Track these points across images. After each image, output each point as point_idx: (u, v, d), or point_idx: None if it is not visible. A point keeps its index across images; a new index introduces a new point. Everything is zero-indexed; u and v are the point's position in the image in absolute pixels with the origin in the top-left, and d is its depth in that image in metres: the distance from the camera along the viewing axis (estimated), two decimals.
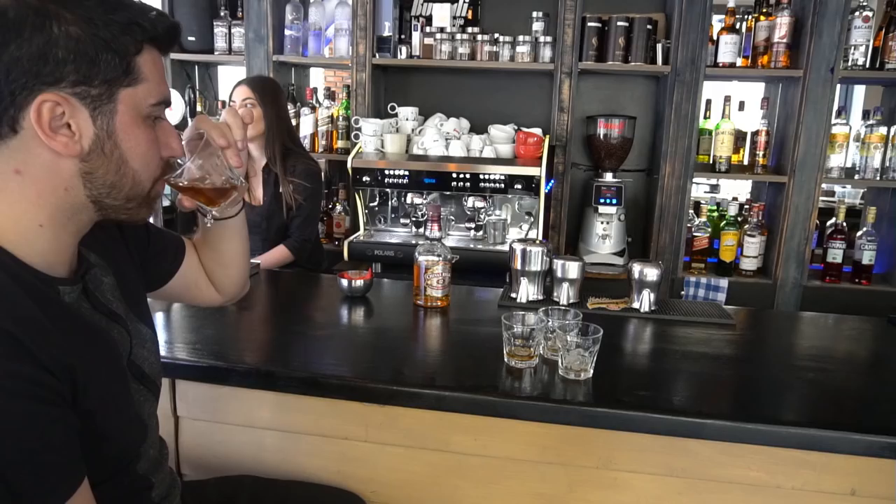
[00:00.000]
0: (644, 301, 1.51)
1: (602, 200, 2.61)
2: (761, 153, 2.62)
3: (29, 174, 0.64)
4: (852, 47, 2.46)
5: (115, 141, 0.67)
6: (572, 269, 1.53)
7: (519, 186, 2.37)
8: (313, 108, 2.87)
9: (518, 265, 1.56)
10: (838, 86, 2.48)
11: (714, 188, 4.31)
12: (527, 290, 1.55)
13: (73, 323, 0.71)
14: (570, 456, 1.18)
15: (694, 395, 1.16)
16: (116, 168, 0.68)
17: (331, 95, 2.93)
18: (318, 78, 3.42)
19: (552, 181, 2.58)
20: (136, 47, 0.67)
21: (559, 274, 1.54)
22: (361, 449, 1.22)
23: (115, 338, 0.79)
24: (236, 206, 1.00)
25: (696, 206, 2.78)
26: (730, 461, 1.12)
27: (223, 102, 2.96)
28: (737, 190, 3.83)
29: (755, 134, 2.65)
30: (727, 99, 2.66)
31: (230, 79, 3.09)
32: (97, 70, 0.64)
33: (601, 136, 2.66)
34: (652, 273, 1.51)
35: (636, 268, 1.53)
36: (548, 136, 2.56)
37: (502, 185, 2.38)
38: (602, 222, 2.63)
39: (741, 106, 2.72)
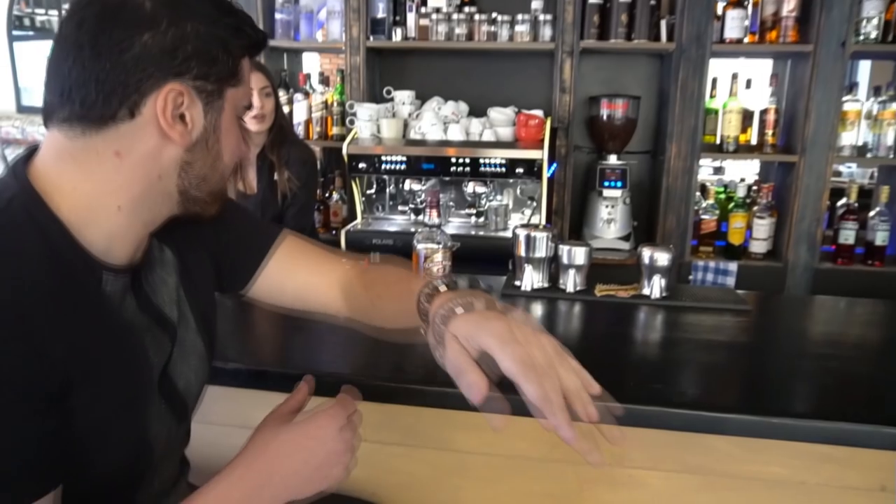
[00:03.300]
0: (655, 287, 1.44)
1: (606, 184, 2.53)
2: (770, 132, 2.54)
3: (129, 158, 0.66)
4: (864, 20, 2.36)
5: (217, 136, 0.70)
6: (579, 254, 1.46)
7: (520, 170, 2.29)
8: (307, 95, 2.79)
9: (522, 252, 1.49)
10: (850, 61, 2.39)
11: (718, 170, 4.22)
12: (531, 278, 1.48)
13: (98, 315, 0.66)
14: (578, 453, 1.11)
15: (711, 387, 1.09)
16: (212, 162, 0.71)
17: (325, 81, 2.85)
18: (310, 63, 3.34)
19: (554, 165, 2.50)
20: (241, 51, 0.71)
21: (565, 260, 1.47)
22: (359, 449, 1.16)
23: (148, 344, 0.72)
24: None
25: (703, 188, 2.71)
26: (749, 456, 1.05)
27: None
28: (742, 171, 3.75)
29: (763, 112, 2.56)
30: (734, 76, 2.57)
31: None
32: (214, 67, 0.67)
33: (604, 118, 2.58)
34: (663, 258, 1.44)
35: (646, 252, 1.46)
36: (549, 118, 2.48)
37: (503, 170, 2.31)
38: (607, 206, 2.56)
39: (748, 84, 2.63)
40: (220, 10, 0.68)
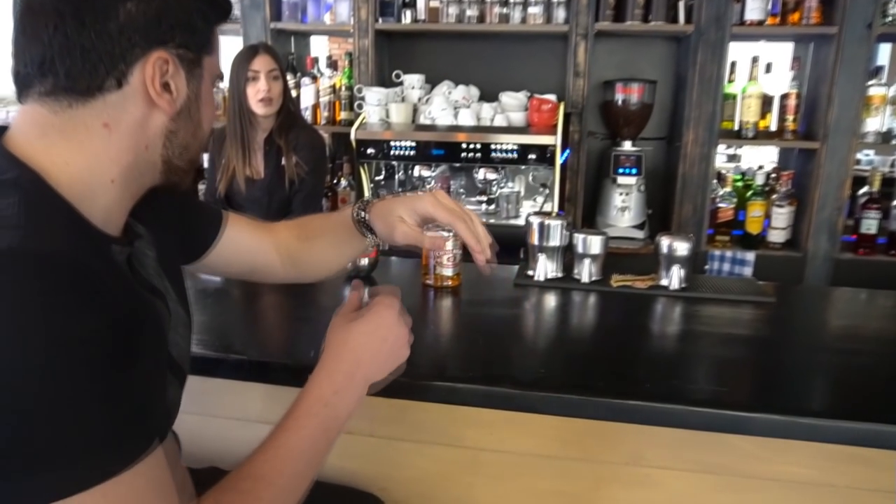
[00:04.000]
0: (673, 278, 1.39)
1: (621, 170, 2.47)
2: (791, 118, 2.46)
3: (117, 129, 0.65)
4: (892, 0, 2.27)
5: (198, 104, 0.71)
6: (595, 243, 1.41)
7: (533, 157, 2.24)
8: (314, 79, 2.73)
9: (535, 240, 1.43)
10: (875, 44, 2.30)
11: (732, 158, 4.12)
12: (545, 268, 1.43)
13: (129, 283, 0.67)
14: (595, 451, 1.07)
15: (732, 383, 1.04)
16: (193, 130, 0.72)
17: (333, 64, 2.79)
18: (318, 47, 3.28)
19: (567, 151, 2.44)
20: (216, 18, 0.72)
21: (580, 249, 1.42)
22: (366, 444, 1.12)
23: (161, 312, 0.74)
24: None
25: (720, 175, 2.63)
26: (773, 456, 1.01)
27: (220, 75, 2.82)
28: (759, 159, 3.65)
29: (784, 97, 2.48)
30: (755, 60, 2.49)
31: (226, 49, 2.95)
32: (195, 36, 0.68)
33: (619, 103, 2.51)
34: (682, 247, 1.38)
35: (664, 242, 1.40)
36: (562, 103, 2.41)
37: (515, 156, 2.25)
38: (621, 194, 2.50)
39: (768, 68, 2.55)
40: None
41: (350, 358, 0.77)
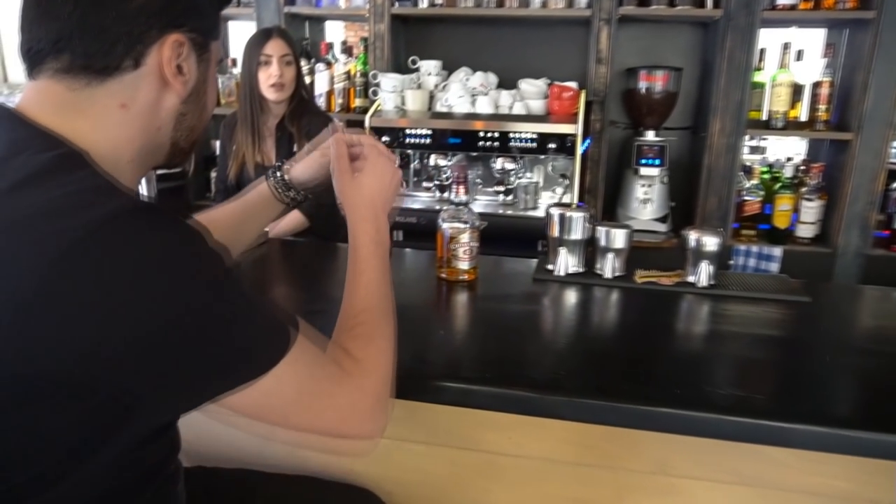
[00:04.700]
0: (701, 274, 1.31)
1: (643, 161, 2.38)
2: (822, 107, 2.36)
3: (133, 110, 0.66)
4: None
5: (205, 88, 0.73)
6: (619, 237, 1.34)
7: (552, 146, 2.16)
8: (329, 65, 2.67)
9: (556, 233, 1.37)
10: None
11: (755, 150, 3.98)
12: (566, 262, 1.36)
13: None
14: (618, 458, 1.01)
15: (769, 390, 0.97)
16: (199, 113, 0.74)
17: (347, 50, 2.73)
18: (333, 33, 3.21)
19: (588, 140, 2.36)
20: (220, 4, 0.76)
21: (603, 243, 1.34)
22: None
23: None
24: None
25: (747, 167, 2.54)
26: (812, 468, 0.94)
27: (234, 60, 2.78)
28: (784, 150, 3.53)
29: (816, 86, 2.38)
30: (786, 46, 2.38)
31: (239, 33, 2.90)
32: (204, 20, 0.71)
33: (642, 91, 2.42)
34: (711, 242, 1.31)
35: (692, 236, 1.32)
36: (584, 91, 2.33)
37: (534, 145, 2.18)
38: (643, 185, 2.41)
39: (799, 55, 2.44)
40: None
41: (371, 205, 0.88)
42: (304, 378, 0.66)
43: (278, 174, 1.03)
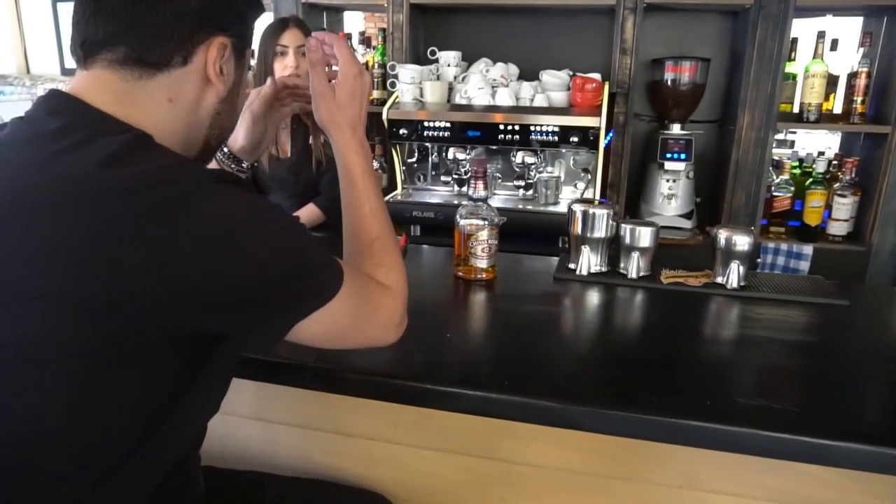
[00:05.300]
0: (731, 275, 1.25)
1: (669, 155, 2.30)
2: (859, 99, 2.26)
3: (179, 104, 0.71)
4: None
5: (238, 91, 0.78)
6: (644, 235, 1.28)
7: (575, 139, 2.09)
8: None
9: (578, 230, 1.31)
10: None
11: (782, 143, 3.86)
12: (588, 261, 1.31)
13: None
14: (643, 470, 0.96)
15: (807, 402, 0.91)
16: (230, 114, 0.79)
17: (366, 41, 2.68)
18: (352, 23, 3.17)
19: (611, 133, 2.29)
20: (257, 14, 0.80)
21: (628, 241, 1.29)
22: (389, 450, 1.04)
23: None
24: None
25: (776, 162, 2.45)
26: (852, 485, 0.88)
27: (252, 52, 2.74)
28: (814, 144, 3.41)
29: (852, 77, 2.28)
30: (820, 35, 2.28)
31: (255, 23, 2.86)
32: (245, 28, 0.77)
33: (668, 82, 2.34)
34: (742, 241, 1.25)
35: (722, 235, 1.26)
36: (607, 83, 2.26)
37: (555, 139, 2.11)
38: (668, 180, 2.34)
39: (833, 45, 2.34)
40: None
41: (352, 124, 0.87)
42: (359, 302, 0.75)
43: (225, 150, 1.02)
